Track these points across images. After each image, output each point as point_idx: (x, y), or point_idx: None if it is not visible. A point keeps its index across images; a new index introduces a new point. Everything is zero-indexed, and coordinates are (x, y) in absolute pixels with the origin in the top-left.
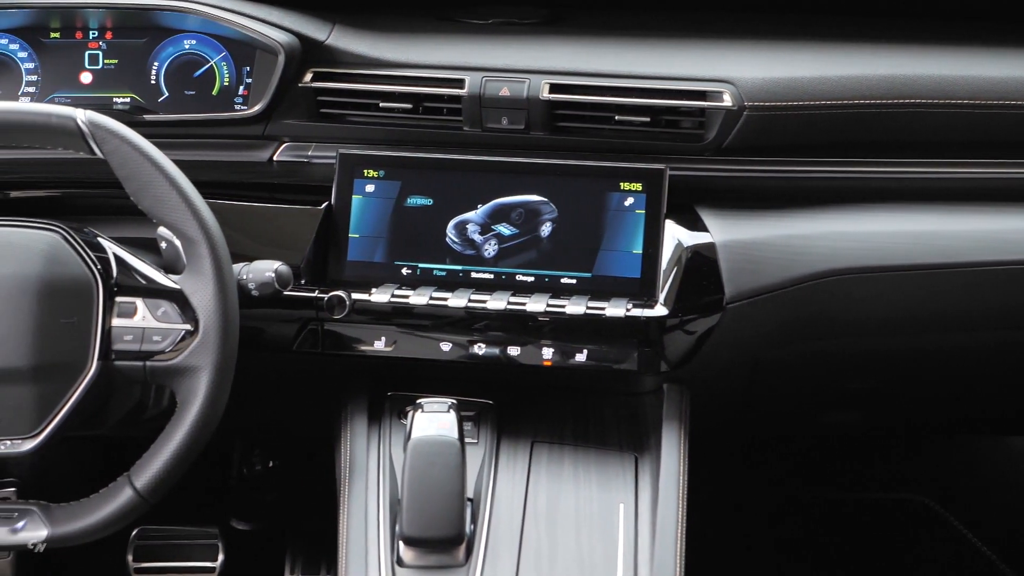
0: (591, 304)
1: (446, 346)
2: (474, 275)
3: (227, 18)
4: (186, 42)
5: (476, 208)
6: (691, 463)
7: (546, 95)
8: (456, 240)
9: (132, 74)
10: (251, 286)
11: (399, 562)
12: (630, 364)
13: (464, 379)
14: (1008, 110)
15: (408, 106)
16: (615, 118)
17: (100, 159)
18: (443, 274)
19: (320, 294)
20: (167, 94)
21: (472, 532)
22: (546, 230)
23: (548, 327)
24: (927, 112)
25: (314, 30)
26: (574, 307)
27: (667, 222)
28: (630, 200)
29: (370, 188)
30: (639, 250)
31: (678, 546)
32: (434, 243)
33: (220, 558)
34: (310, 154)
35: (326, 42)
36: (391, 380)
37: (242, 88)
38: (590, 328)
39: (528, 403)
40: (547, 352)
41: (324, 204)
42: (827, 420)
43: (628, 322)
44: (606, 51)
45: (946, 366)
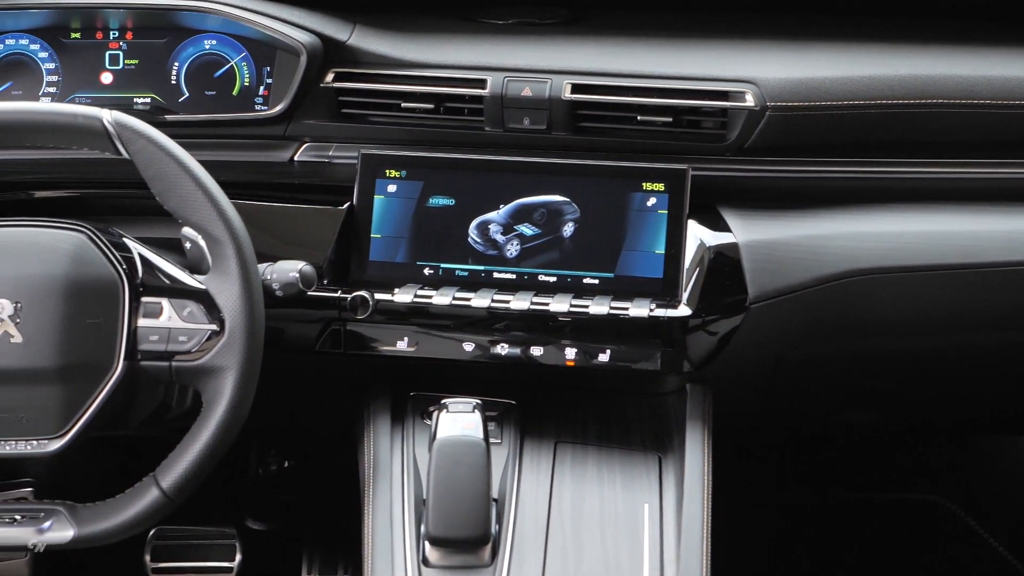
0: (614, 304)
1: (468, 346)
2: (496, 275)
3: (248, 18)
4: (206, 42)
5: (498, 208)
6: (714, 463)
7: (568, 95)
8: (478, 240)
9: (152, 74)
10: (275, 286)
11: (425, 562)
12: (653, 364)
13: (486, 379)
14: None
15: (430, 106)
16: (637, 118)
17: (125, 159)
18: (465, 274)
19: (343, 294)
20: (187, 94)
21: (497, 532)
22: (568, 230)
23: (570, 327)
24: (949, 112)
25: (336, 30)
26: (597, 307)
27: (689, 222)
28: (652, 200)
29: (392, 188)
30: (662, 250)
31: (704, 546)
32: (456, 243)
33: (237, 558)
34: (331, 154)
35: (347, 42)
36: (413, 380)
37: (262, 88)
38: (613, 328)
39: (550, 403)
40: (570, 352)
41: (346, 204)
42: (844, 419)
43: (651, 322)
44: (628, 51)
45: (965, 366)
